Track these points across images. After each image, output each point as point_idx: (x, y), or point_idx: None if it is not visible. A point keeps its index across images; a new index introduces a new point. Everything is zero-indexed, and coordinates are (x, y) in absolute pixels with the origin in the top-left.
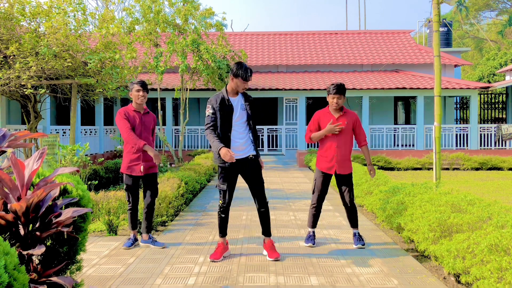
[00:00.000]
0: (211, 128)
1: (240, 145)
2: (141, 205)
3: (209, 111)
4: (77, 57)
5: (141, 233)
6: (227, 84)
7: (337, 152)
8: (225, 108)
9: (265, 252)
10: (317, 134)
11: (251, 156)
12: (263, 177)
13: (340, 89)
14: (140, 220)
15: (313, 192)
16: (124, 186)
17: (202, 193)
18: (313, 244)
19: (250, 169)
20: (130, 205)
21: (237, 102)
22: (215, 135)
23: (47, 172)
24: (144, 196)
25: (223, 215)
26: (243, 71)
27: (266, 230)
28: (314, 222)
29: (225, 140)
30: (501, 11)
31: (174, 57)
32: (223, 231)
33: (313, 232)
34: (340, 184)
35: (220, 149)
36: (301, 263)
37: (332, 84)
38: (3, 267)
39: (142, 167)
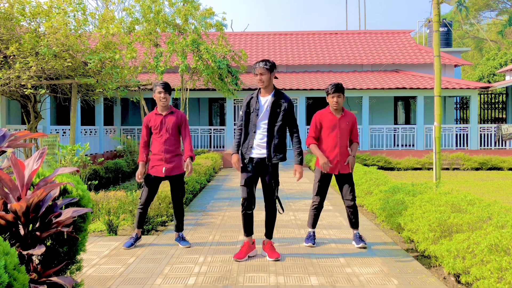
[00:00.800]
0: (239, 128)
1: (258, 145)
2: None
3: (241, 109)
4: (77, 57)
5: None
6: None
7: (339, 152)
8: (251, 107)
9: (263, 253)
10: (314, 152)
11: (266, 158)
12: (278, 181)
13: (339, 88)
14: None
15: (314, 192)
16: (143, 183)
17: (202, 193)
18: (313, 244)
19: (264, 171)
20: (141, 204)
21: (265, 102)
22: (238, 137)
23: (47, 172)
24: (171, 196)
25: (243, 212)
26: (256, 63)
27: (268, 233)
28: (314, 222)
29: (248, 138)
30: (501, 11)
31: (174, 57)
32: (246, 230)
33: (313, 232)
34: (341, 184)
35: (232, 154)
36: (301, 263)
37: (330, 84)
38: (3, 267)
39: (164, 168)
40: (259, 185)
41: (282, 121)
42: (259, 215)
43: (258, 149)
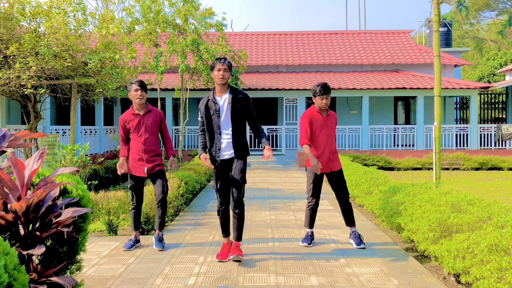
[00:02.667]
0: (201, 132)
1: (226, 145)
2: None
3: (199, 115)
4: (77, 57)
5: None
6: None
7: (329, 150)
8: (210, 108)
9: (232, 257)
10: (307, 153)
11: (235, 155)
12: (245, 178)
13: (327, 89)
14: (142, 222)
15: (309, 193)
16: (129, 185)
17: (202, 193)
18: (309, 243)
19: (232, 168)
20: (134, 205)
21: (224, 101)
22: (202, 140)
23: (47, 172)
24: (156, 194)
25: (221, 215)
26: (215, 61)
27: (238, 235)
28: (311, 222)
29: (213, 141)
30: (501, 11)
31: (174, 57)
32: (225, 231)
33: (311, 232)
34: (334, 182)
35: (199, 155)
36: (301, 263)
37: (318, 85)
38: (3, 267)
39: (146, 168)
40: None
41: (243, 116)
42: (259, 215)
43: (227, 149)
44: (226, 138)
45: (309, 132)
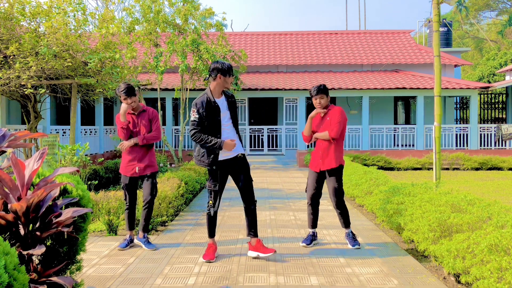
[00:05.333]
0: (198, 131)
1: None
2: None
3: (194, 115)
4: (77, 57)
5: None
6: (209, 86)
7: (322, 148)
8: (212, 110)
9: (252, 254)
10: (306, 126)
11: (239, 155)
12: (251, 175)
13: (320, 90)
14: (139, 220)
15: (306, 191)
16: (122, 185)
17: (202, 193)
18: (308, 244)
19: (238, 166)
20: (127, 205)
21: (222, 102)
22: (203, 135)
23: (47, 172)
24: (144, 195)
25: (213, 216)
26: (228, 67)
27: (254, 230)
28: (312, 223)
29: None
30: (501, 11)
31: (174, 57)
32: (212, 233)
33: (313, 232)
34: (328, 182)
35: (222, 143)
36: (301, 263)
37: (313, 87)
38: (3, 267)
39: (137, 168)
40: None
41: (236, 117)
42: (259, 215)
43: (227, 151)
44: (228, 138)
45: (310, 125)
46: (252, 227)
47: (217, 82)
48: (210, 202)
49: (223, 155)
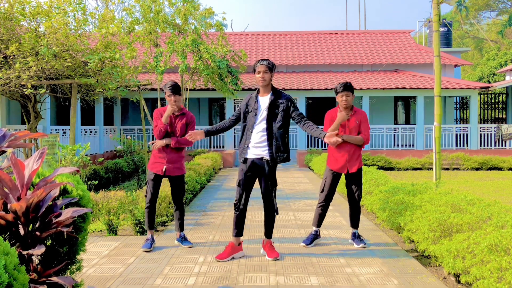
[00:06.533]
0: (231, 120)
1: (256, 145)
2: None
3: (238, 108)
4: (77, 57)
5: (139, 231)
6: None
7: (349, 151)
8: (249, 106)
9: (263, 252)
10: (332, 127)
11: (265, 159)
12: (276, 182)
13: (347, 87)
14: (138, 220)
15: (321, 191)
16: (146, 180)
17: (202, 193)
18: (307, 244)
19: (264, 171)
20: (148, 203)
21: (264, 102)
22: (221, 124)
23: (47, 172)
24: (173, 197)
25: (236, 213)
26: (257, 62)
27: (267, 233)
28: (319, 221)
29: (245, 138)
30: (501, 11)
31: (174, 57)
32: (236, 230)
33: (316, 231)
34: (349, 182)
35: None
36: (301, 263)
37: (339, 83)
38: (3, 267)
39: (165, 167)
40: (257, 185)
41: (282, 121)
42: (259, 215)
43: (255, 149)
44: (256, 138)
45: (327, 127)
46: (266, 229)
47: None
48: (236, 199)
49: (251, 153)
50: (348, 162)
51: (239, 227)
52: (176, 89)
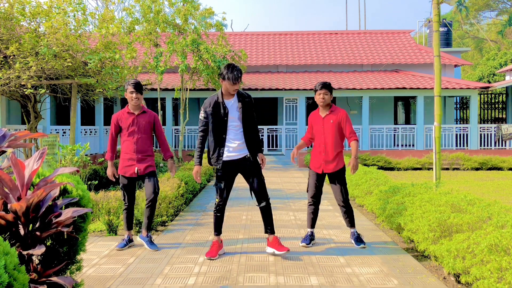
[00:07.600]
0: (202, 133)
1: (237, 146)
2: (140, 205)
3: (201, 114)
4: (77, 57)
5: (140, 231)
6: (222, 86)
7: (324, 150)
8: (219, 111)
9: (269, 250)
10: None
11: (247, 156)
12: (262, 175)
13: (325, 85)
14: (138, 221)
15: (307, 190)
16: (120, 185)
17: (202, 193)
18: (307, 244)
19: (248, 166)
20: (126, 205)
21: (232, 104)
22: (200, 145)
23: (47, 172)
24: (146, 193)
25: (218, 214)
26: (230, 73)
27: (270, 227)
28: (311, 223)
29: (220, 142)
30: (501, 11)
31: (174, 57)
32: (218, 230)
33: (311, 232)
34: (331, 182)
35: (195, 165)
36: (301, 263)
37: (318, 82)
38: (3, 267)
39: (136, 169)
40: (239, 185)
41: (250, 118)
42: (259, 215)
43: (233, 151)
44: (232, 140)
45: (309, 131)
46: (267, 225)
47: (223, 84)
48: (217, 200)
49: (228, 155)
50: (324, 162)
51: (220, 227)
52: (138, 86)
